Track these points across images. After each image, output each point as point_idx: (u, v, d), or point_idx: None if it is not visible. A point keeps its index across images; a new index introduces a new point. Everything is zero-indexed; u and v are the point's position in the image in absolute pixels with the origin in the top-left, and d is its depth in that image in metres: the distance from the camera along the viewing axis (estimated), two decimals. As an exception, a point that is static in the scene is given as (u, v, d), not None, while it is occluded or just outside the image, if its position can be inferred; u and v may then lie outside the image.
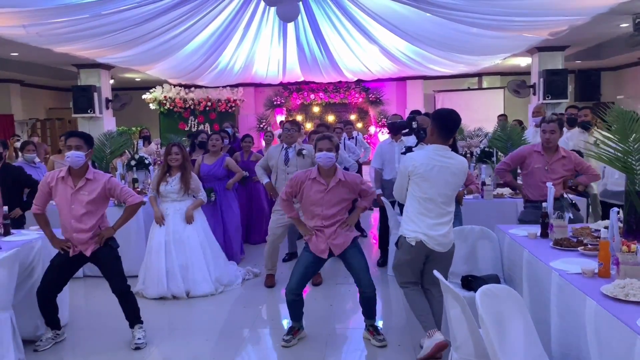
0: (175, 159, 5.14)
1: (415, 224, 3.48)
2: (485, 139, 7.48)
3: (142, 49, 8.14)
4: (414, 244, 3.48)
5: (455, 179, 3.49)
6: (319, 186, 3.91)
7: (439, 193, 3.43)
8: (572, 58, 11.61)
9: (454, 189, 3.53)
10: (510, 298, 2.57)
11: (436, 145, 3.48)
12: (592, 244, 3.30)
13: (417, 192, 3.46)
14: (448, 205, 3.50)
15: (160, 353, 4.01)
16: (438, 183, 3.42)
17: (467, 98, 13.77)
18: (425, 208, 3.45)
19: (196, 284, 5.14)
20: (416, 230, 3.47)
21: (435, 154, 3.45)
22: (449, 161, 3.46)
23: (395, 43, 9.15)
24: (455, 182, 3.50)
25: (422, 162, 3.42)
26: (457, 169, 3.47)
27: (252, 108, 14.24)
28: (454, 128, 3.52)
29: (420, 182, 3.43)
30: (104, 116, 10.70)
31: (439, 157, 3.44)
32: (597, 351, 2.33)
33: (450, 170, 3.44)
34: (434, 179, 3.41)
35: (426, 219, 3.45)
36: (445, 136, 3.50)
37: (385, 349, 3.95)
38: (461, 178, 3.53)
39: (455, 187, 3.53)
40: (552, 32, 7.08)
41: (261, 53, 10.20)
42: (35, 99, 14.54)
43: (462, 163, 3.53)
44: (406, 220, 3.55)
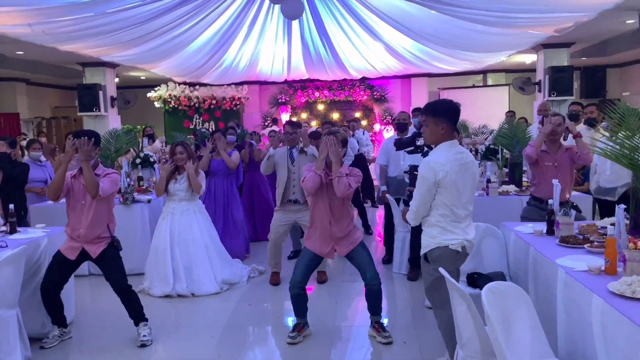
0: (181, 159, 5.14)
1: (453, 233, 3.10)
2: (490, 136, 7.45)
3: (147, 47, 8.15)
4: (460, 250, 3.11)
5: (476, 176, 3.24)
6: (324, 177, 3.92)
7: (467, 195, 3.14)
8: (577, 55, 11.55)
9: (476, 187, 3.30)
10: (516, 295, 2.56)
11: (451, 142, 3.12)
12: (598, 241, 3.28)
13: (448, 200, 3.07)
14: (471, 204, 3.24)
15: (166, 350, 4.03)
16: (466, 185, 3.11)
17: (472, 95, 13.73)
18: (456, 215, 3.10)
19: (200, 285, 5.15)
20: (457, 238, 3.10)
21: (455, 152, 3.11)
22: (465, 157, 3.15)
23: (400, 40, 9.12)
24: (476, 179, 3.24)
25: (452, 166, 3.03)
26: (473, 163, 3.20)
27: (257, 106, 14.25)
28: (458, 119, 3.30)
29: (452, 188, 3.04)
30: (109, 114, 10.72)
31: (459, 155, 3.11)
32: (603, 348, 2.32)
33: (471, 168, 3.16)
34: (462, 181, 3.08)
35: (459, 224, 3.12)
36: (454, 129, 3.22)
37: (390, 346, 3.95)
38: (477, 172, 3.29)
39: (476, 184, 3.28)
40: (558, 29, 7.05)
41: (266, 51, 10.20)
42: (41, 98, 14.59)
43: (470, 155, 3.26)
44: (439, 231, 3.13)
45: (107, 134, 6.61)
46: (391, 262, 5.87)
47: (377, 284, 3.96)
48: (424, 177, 3.05)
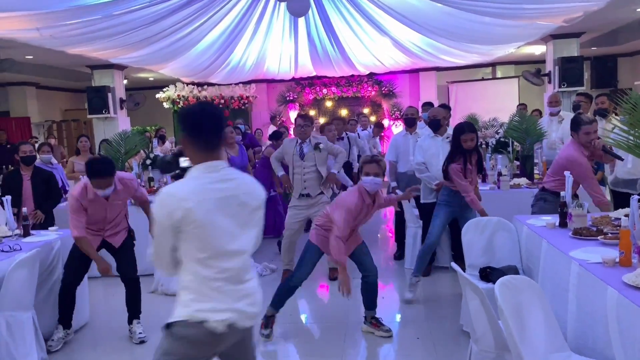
0: None
1: (213, 300, 2.05)
2: (500, 129, 7.40)
3: (155, 48, 8.18)
4: (223, 330, 2.04)
5: (257, 212, 2.19)
6: (368, 206, 3.88)
7: (243, 240, 2.13)
8: (587, 44, 11.42)
9: (252, 224, 2.18)
10: (530, 289, 2.54)
11: (209, 164, 2.09)
12: (612, 232, 3.25)
13: (200, 249, 2.04)
14: (254, 244, 2.22)
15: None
16: (236, 224, 2.10)
17: (482, 88, 13.64)
18: (220, 271, 2.06)
19: None
20: (217, 308, 2.04)
21: (214, 179, 2.08)
22: (237, 185, 2.13)
23: (408, 35, 9.08)
24: (250, 214, 2.15)
25: (204, 201, 2.02)
26: (251, 194, 2.16)
27: (265, 104, 14.26)
28: (217, 127, 2.15)
29: (206, 233, 2.02)
30: (119, 116, 10.78)
31: (223, 185, 2.09)
32: (619, 340, 2.29)
33: (246, 200, 2.13)
34: (227, 221, 2.06)
35: (227, 285, 2.08)
36: (212, 142, 2.11)
37: (404, 341, 3.95)
38: (259, 203, 2.19)
39: (252, 220, 2.17)
40: (567, 19, 6.97)
41: (273, 49, 10.20)
42: (51, 101, 14.70)
43: (252, 182, 2.22)
44: (192, 297, 2.07)
45: (117, 135, 6.64)
46: (403, 258, 5.86)
47: (374, 275, 4.01)
48: (155, 215, 2.05)
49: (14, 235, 4.29)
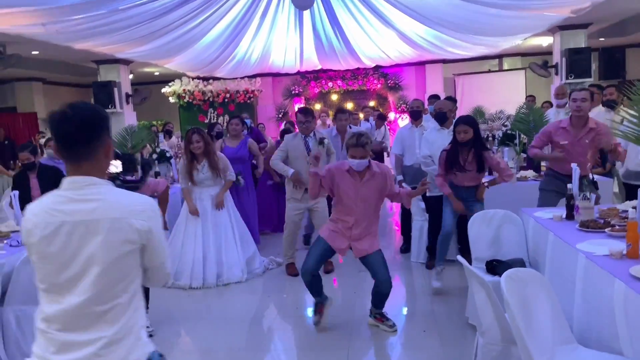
0: (198, 147, 5.11)
1: (39, 338, 1.72)
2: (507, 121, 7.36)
3: (160, 42, 8.19)
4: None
5: (108, 248, 1.66)
6: (353, 179, 3.85)
7: (79, 282, 1.67)
8: (595, 35, 11.31)
9: (114, 265, 1.68)
10: (536, 281, 2.53)
11: (70, 179, 1.73)
12: (619, 225, 3.23)
13: (41, 279, 1.72)
14: (102, 299, 1.68)
15: (190, 341, 4.06)
16: (74, 260, 1.67)
17: (488, 80, 13.55)
18: (54, 310, 1.69)
19: (229, 268, 5.22)
20: (37, 351, 1.71)
21: (64, 199, 1.69)
22: (89, 208, 1.67)
23: (413, 27, 9.04)
24: (112, 253, 1.67)
25: (44, 224, 1.67)
26: (110, 221, 1.67)
27: (271, 98, 14.25)
28: (79, 134, 1.72)
29: (40, 261, 1.70)
30: (125, 111, 10.80)
31: (70, 205, 1.68)
32: (626, 332, 2.28)
33: (96, 230, 1.66)
34: (62, 253, 1.67)
35: (53, 330, 1.69)
36: (74, 153, 1.72)
37: (410, 334, 3.95)
38: (126, 238, 1.68)
39: (114, 260, 1.67)
40: (574, 10, 6.92)
41: (278, 43, 10.19)
42: (58, 96, 14.74)
43: (126, 207, 1.71)
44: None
45: (123, 130, 6.66)
46: (409, 251, 5.85)
47: (387, 289, 3.93)
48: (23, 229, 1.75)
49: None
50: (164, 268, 1.85)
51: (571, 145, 4.40)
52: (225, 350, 3.87)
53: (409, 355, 3.67)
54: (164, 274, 1.88)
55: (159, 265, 1.82)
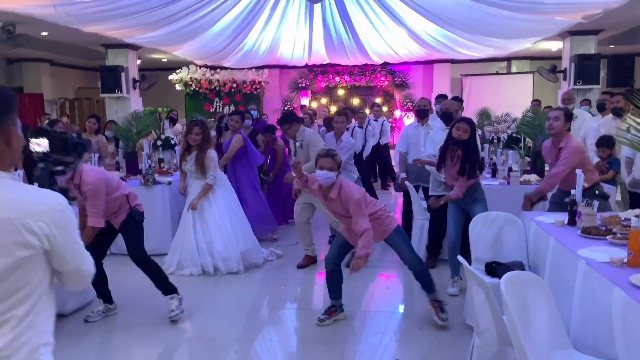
0: (195, 140, 5.11)
1: None
2: (513, 124, 7.35)
3: (169, 29, 8.18)
4: None
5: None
6: (322, 195, 3.90)
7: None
8: (605, 42, 11.28)
9: (5, 269, 1.43)
10: (536, 285, 2.54)
11: None
12: (621, 233, 3.23)
13: None
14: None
15: (184, 330, 4.08)
16: None
17: (496, 83, 13.53)
18: None
19: (223, 261, 5.23)
20: None
21: None
22: None
23: (424, 26, 9.02)
24: (3, 255, 1.42)
25: None
26: (3, 221, 1.43)
27: (277, 90, 14.24)
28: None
29: None
30: (131, 96, 10.81)
31: None
32: (622, 340, 2.29)
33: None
34: None
35: None
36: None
37: (406, 332, 3.96)
38: (23, 243, 1.44)
39: (6, 265, 1.43)
40: (586, 16, 6.89)
41: (287, 35, 10.17)
42: (65, 79, 14.76)
43: (25, 205, 1.47)
44: None
45: (129, 115, 6.67)
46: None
47: (416, 267, 3.95)
48: None
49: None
50: (79, 272, 1.61)
51: (551, 164, 4.39)
52: (222, 340, 3.89)
53: (405, 352, 3.69)
54: (81, 278, 1.64)
55: (72, 270, 1.58)
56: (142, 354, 3.66)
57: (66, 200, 1.58)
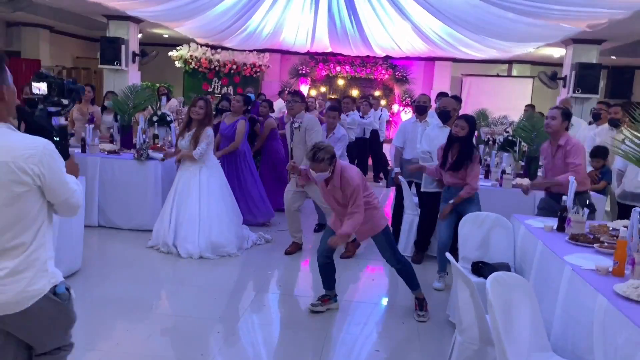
0: (197, 113, 5.09)
1: None
2: (509, 127, 7.37)
3: (173, 4, 8.10)
4: None
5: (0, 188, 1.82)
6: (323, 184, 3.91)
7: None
8: (607, 53, 11.31)
9: (7, 205, 1.84)
10: (521, 287, 2.57)
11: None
12: (608, 242, 3.26)
13: None
14: (4, 236, 1.86)
15: (169, 307, 4.09)
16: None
17: (495, 85, 13.56)
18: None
19: (182, 242, 5.13)
20: None
21: None
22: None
23: (429, 22, 8.99)
24: (4, 193, 1.82)
25: None
26: (0, 164, 1.80)
27: (277, 75, 14.17)
28: None
29: None
30: (130, 70, 10.71)
31: None
32: (601, 347, 2.32)
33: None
34: None
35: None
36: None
37: (388, 324, 4.00)
38: (18, 181, 1.82)
39: (7, 201, 1.83)
40: (591, 25, 6.91)
41: (291, 20, 10.10)
42: (63, 47, 14.59)
43: (16, 151, 1.83)
44: None
45: (127, 89, 6.62)
46: (397, 243, 5.87)
47: (397, 267, 4.03)
48: None
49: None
50: (69, 203, 1.99)
51: (548, 163, 4.43)
52: (202, 318, 3.90)
53: (385, 344, 3.72)
54: (71, 207, 2.02)
55: (62, 201, 1.96)
56: (123, 329, 3.66)
57: (53, 144, 1.90)
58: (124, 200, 5.82)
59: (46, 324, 2.00)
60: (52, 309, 1.98)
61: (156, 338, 3.56)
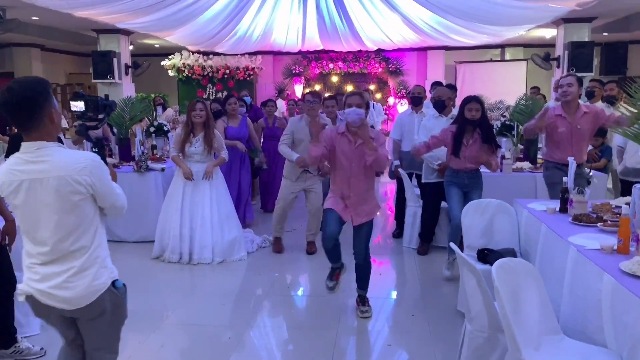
0: (199, 115, 5.10)
1: (25, 272, 2.21)
2: (506, 111, 7.36)
3: (162, 14, 8.10)
4: (22, 299, 2.23)
5: (60, 199, 2.08)
6: (347, 141, 3.78)
7: (43, 227, 2.11)
8: (599, 30, 11.27)
9: (68, 212, 2.11)
10: (527, 272, 2.56)
11: (24, 144, 2.10)
12: (612, 220, 3.26)
13: (19, 223, 2.24)
14: (68, 240, 2.12)
15: (177, 316, 4.10)
16: (36, 211, 2.10)
17: (489, 70, 13.53)
18: (34, 249, 2.17)
19: (200, 249, 5.15)
20: (24, 280, 2.22)
21: (17, 160, 2.10)
22: (41, 168, 2.06)
23: (418, 12, 8.97)
24: (64, 203, 2.09)
25: (5, 181, 2.10)
26: (58, 178, 2.06)
27: (271, 76, 14.17)
28: (20, 112, 2.04)
29: (15, 210, 2.19)
30: (124, 82, 10.72)
31: (26, 166, 2.08)
32: (611, 326, 2.33)
33: (48, 186, 2.06)
34: (26, 205, 2.10)
35: (35, 264, 2.17)
36: (20, 125, 2.09)
37: (398, 317, 4.00)
38: (73, 188, 2.08)
39: (67, 209, 2.10)
40: (580, 3, 6.89)
41: (280, 21, 10.10)
42: (56, 64, 14.61)
43: (70, 165, 2.08)
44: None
45: (122, 101, 6.62)
46: (401, 236, 5.89)
47: (362, 263, 3.95)
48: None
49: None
50: (115, 207, 2.27)
51: (568, 131, 4.39)
52: (213, 326, 3.91)
53: (397, 338, 3.72)
54: (117, 210, 2.30)
55: (110, 205, 2.24)
56: (134, 340, 3.67)
57: (99, 156, 2.23)
58: (127, 213, 5.78)
59: (107, 316, 2.26)
60: (113, 301, 2.26)
61: (168, 348, 3.57)
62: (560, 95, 4.35)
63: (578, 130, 4.37)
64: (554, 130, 4.47)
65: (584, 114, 4.37)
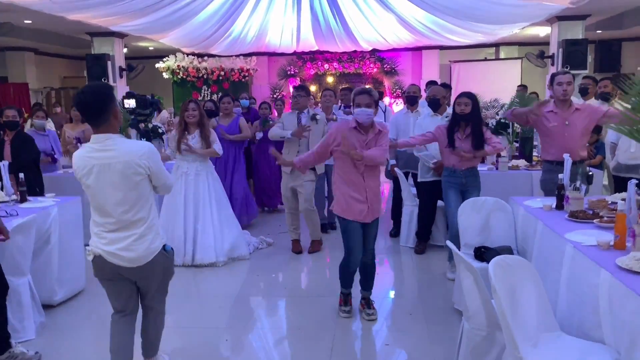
0: (193, 115, 5.12)
1: (93, 237, 2.75)
2: (501, 110, 7.37)
3: (155, 16, 8.08)
4: (91, 258, 2.76)
5: (125, 179, 2.63)
6: (359, 136, 3.73)
7: (110, 202, 2.65)
8: (592, 27, 11.30)
9: (127, 187, 2.65)
10: (524, 269, 2.56)
11: (94, 136, 2.66)
12: (608, 216, 3.26)
13: (90, 200, 2.74)
14: (131, 212, 2.68)
15: (175, 320, 4.08)
16: (104, 189, 2.64)
17: (484, 69, 13.54)
18: (99, 220, 2.72)
19: (203, 250, 5.14)
20: (92, 244, 2.75)
21: (88, 149, 2.66)
22: (109, 155, 2.61)
23: (413, 12, 8.97)
24: (128, 183, 2.64)
25: (79, 165, 2.66)
26: (123, 163, 2.61)
27: (266, 78, 14.15)
28: (91, 109, 2.62)
29: (87, 189, 2.69)
30: (118, 85, 10.69)
31: (97, 153, 2.63)
32: (609, 322, 2.32)
33: (115, 169, 2.61)
34: (96, 185, 2.64)
35: (102, 232, 2.72)
36: (90, 121, 2.68)
37: (396, 316, 3.99)
38: (134, 170, 2.64)
39: (127, 185, 2.64)
40: (574, 1, 6.89)
41: (274, 22, 10.08)
42: (50, 68, 14.55)
43: (132, 152, 2.65)
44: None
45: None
46: (398, 235, 5.89)
47: (370, 262, 3.93)
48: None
49: (10, 200, 4.29)
50: (166, 185, 2.84)
51: (560, 127, 4.38)
52: (212, 328, 3.89)
53: (395, 337, 3.71)
54: (167, 187, 2.86)
55: (162, 184, 2.80)
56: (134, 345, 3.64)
57: (151, 144, 2.82)
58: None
59: (159, 273, 2.83)
60: (164, 261, 2.82)
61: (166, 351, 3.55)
62: (561, 95, 4.31)
63: (568, 126, 4.35)
64: (545, 125, 4.45)
65: (575, 111, 4.35)
